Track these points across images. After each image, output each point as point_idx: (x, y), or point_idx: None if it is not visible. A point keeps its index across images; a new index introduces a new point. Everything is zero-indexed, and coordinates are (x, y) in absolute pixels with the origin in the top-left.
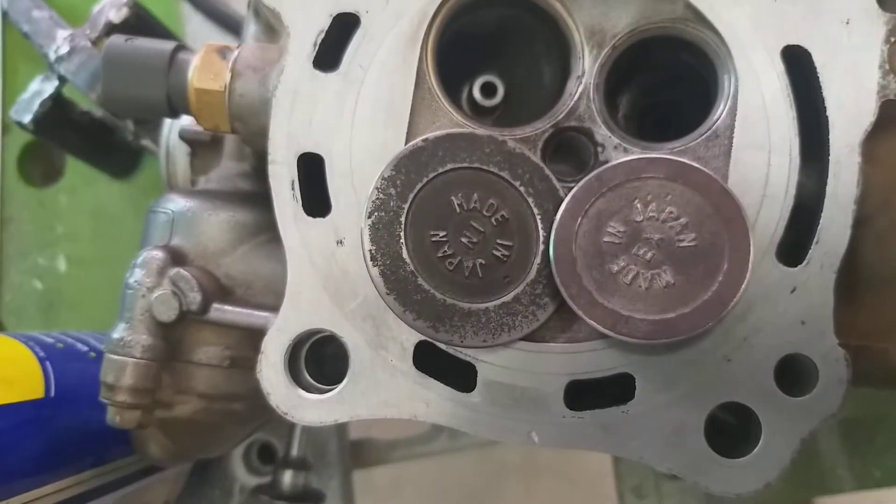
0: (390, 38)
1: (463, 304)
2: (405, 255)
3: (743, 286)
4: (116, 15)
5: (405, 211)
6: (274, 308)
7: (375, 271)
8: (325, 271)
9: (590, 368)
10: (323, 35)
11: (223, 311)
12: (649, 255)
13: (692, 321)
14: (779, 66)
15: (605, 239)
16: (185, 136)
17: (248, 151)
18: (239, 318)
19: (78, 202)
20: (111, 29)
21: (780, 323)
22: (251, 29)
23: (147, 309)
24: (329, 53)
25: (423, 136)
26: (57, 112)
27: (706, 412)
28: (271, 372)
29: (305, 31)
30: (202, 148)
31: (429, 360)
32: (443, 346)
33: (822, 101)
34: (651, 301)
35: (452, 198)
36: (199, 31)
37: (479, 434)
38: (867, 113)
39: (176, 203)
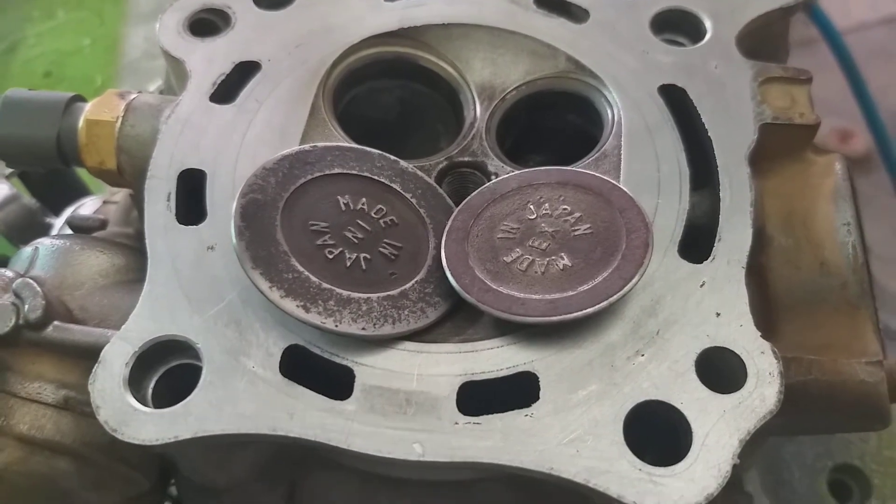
0: (290, 78)
1: (341, 290)
2: (278, 235)
3: (645, 260)
4: None
5: (283, 199)
6: None
7: (241, 245)
8: (190, 277)
9: (486, 367)
10: (224, 77)
11: (64, 329)
12: (545, 244)
13: (594, 295)
14: (658, 100)
15: (499, 236)
16: (73, 223)
17: (133, 217)
18: (82, 337)
19: None
20: None
21: (693, 316)
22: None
23: None
24: (225, 91)
25: (313, 143)
26: None
27: (624, 412)
28: (106, 383)
29: (206, 74)
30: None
31: (299, 370)
32: (316, 350)
33: (703, 125)
34: (549, 283)
35: (339, 197)
36: None
37: (353, 447)
38: (748, 133)
39: (45, 240)
